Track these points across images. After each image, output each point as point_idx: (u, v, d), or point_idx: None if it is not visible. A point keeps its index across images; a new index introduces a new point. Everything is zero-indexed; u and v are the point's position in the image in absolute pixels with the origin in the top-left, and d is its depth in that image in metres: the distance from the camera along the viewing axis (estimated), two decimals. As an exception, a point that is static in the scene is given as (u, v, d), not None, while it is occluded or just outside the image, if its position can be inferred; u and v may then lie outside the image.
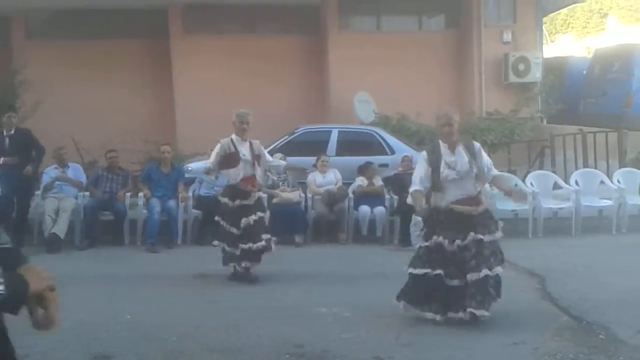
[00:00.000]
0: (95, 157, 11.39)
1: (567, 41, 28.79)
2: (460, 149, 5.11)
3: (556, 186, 9.57)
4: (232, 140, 6.44)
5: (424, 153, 5.25)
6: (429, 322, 4.90)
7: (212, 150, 7.55)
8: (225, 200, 6.38)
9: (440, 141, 5.18)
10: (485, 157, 5.25)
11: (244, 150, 6.39)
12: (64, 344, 4.33)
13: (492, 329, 4.79)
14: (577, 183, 9.30)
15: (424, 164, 5.11)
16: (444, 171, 5.00)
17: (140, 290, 5.93)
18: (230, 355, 4.15)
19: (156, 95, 13.38)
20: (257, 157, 6.48)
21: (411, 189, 5.19)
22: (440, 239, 4.95)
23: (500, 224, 5.20)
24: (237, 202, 6.30)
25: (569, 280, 6.31)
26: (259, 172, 6.52)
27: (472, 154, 5.10)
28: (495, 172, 5.35)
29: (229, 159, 6.39)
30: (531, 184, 9.19)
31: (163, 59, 13.20)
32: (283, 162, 6.81)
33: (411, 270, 5.06)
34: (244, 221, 6.21)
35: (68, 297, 5.49)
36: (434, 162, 5.06)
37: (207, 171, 6.70)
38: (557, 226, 9.13)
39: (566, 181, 9.68)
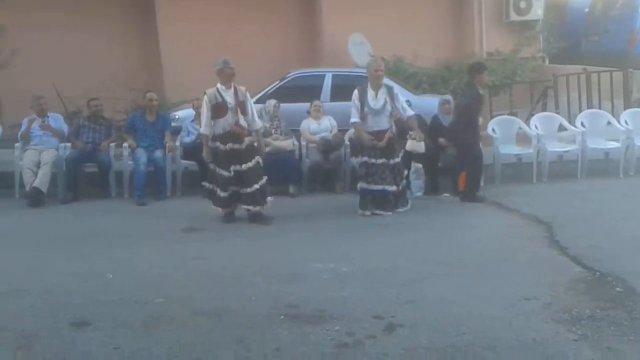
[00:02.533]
0: (79, 107, 10.86)
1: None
2: (382, 91, 6.77)
3: (561, 128, 9.16)
4: (217, 89, 6.41)
5: (355, 91, 6.82)
6: (430, 277, 4.59)
7: (196, 100, 7.25)
8: (216, 144, 6.36)
9: (368, 84, 6.79)
10: (401, 99, 6.92)
11: (229, 99, 6.31)
12: (35, 309, 4.00)
13: (499, 283, 4.46)
14: (582, 125, 8.88)
15: (356, 99, 6.75)
16: (366, 108, 6.71)
17: (124, 247, 5.58)
18: (216, 318, 3.81)
19: (141, 42, 12.71)
20: (241, 104, 6.37)
21: (351, 121, 6.87)
22: (365, 158, 6.78)
23: (401, 152, 7.00)
24: (229, 145, 6.35)
25: (577, 227, 5.98)
26: (242, 118, 6.38)
27: (391, 96, 6.78)
28: (409, 112, 6.96)
29: (217, 109, 6.36)
30: (535, 126, 8.78)
31: (147, 4, 12.52)
32: (259, 124, 6.66)
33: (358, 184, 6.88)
34: (235, 167, 6.29)
35: (44, 256, 5.26)
36: (362, 99, 6.74)
37: (207, 133, 6.50)
38: (562, 170, 8.80)
39: (570, 123, 9.28)
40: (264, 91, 9.25)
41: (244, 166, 6.36)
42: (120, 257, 5.25)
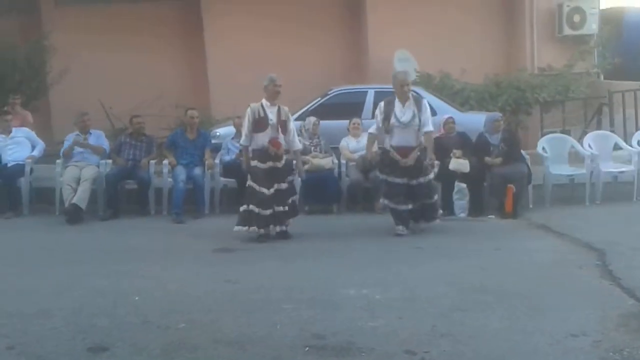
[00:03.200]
0: (126, 124, 11.00)
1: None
2: (410, 103, 6.51)
3: (616, 147, 8.70)
4: (262, 105, 6.52)
5: (381, 104, 6.66)
6: (469, 308, 4.29)
7: (237, 119, 7.26)
8: (255, 162, 6.47)
9: (395, 97, 6.55)
10: (427, 114, 6.59)
11: (272, 115, 6.39)
12: (57, 332, 3.89)
13: (546, 316, 4.13)
14: (639, 144, 8.40)
15: (379, 112, 6.59)
16: (393, 120, 6.45)
17: (156, 266, 5.47)
18: (238, 348, 3.62)
19: (188, 59, 12.86)
20: (282, 123, 6.46)
21: (368, 131, 6.87)
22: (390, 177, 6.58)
23: (434, 169, 6.82)
24: (269, 163, 6.42)
25: (633, 255, 5.58)
26: (281, 137, 6.43)
27: (419, 109, 6.50)
28: (429, 127, 6.62)
29: (258, 123, 6.46)
30: (589, 145, 8.35)
31: (194, 22, 12.63)
32: (299, 145, 6.84)
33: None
34: (275, 186, 6.39)
35: (76, 274, 5.21)
36: (388, 112, 6.50)
37: (246, 144, 6.62)
38: (617, 192, 8.34)
39: (626, 141, 8.80)
40: (305, 108, 9.11)
41: (281, 185, 6.41)
42: (150, 277, 5.14)
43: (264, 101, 6.49)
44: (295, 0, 12.33)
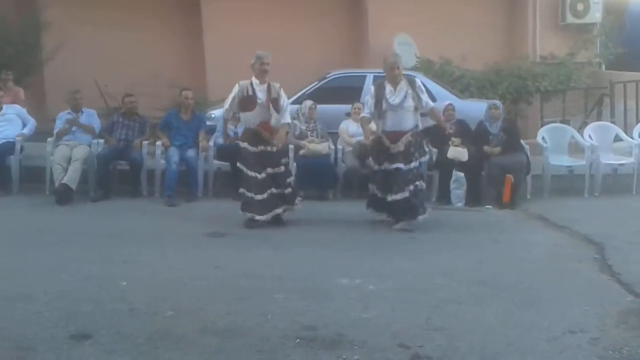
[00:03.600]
0: (121, 103, 10.84)
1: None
2: (402, 85, 6.16)
3: (616, 139, 8.58)
4: (251, 83, 6.30)
5: (372, 87, 6.39)
6: (464, 301, 4.19)
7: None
8: (245, 145, 6.21)
9: (385, 80, 6.22)
10: (424, 92, 6.29)
11: (261, 94, 6.16)
12: (40, 316, 3.77)
13: (544, 311, 4.03)
14: (640, 136, 8.28)
15: (371, 95, 6.24)
16: (384, 104, 6.11)
17: (146, 250, 5.35)
18: (226, 337, 3.51)
19: (185, 40, 12.62)
20: (273, 100, 6.23)
21: (361, 115, 6.60)
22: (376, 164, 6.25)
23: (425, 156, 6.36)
24: (260, 147, 6.21)
25: (632, 249, 5.48)
26: (274, 115, 6.22)
27: (413, 89, 6.15)
28: (431, 104, 6.35)
29: (246, 102, 6.27)
30: (589, 136, 8.22)
31: (192, 1, 12.39)
32: (288, 119, 6.56)
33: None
34: (268, 170, 6.20)
35: (64, 257, 5.05)
36: (379, 95, 6.15)
37: (226, 117, 6.59)
38: (616, 184, 8.25)
39: (626, 133, 8.68)
40: (302, 91, 8.95)
41: (274, 170, 6.23)
42: (139, 261, 5.02)
43: (253, 79, 6.28)
44: (294, -18, 12.12)
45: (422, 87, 6.36)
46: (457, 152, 7.44)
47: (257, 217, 6.20)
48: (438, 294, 4.30)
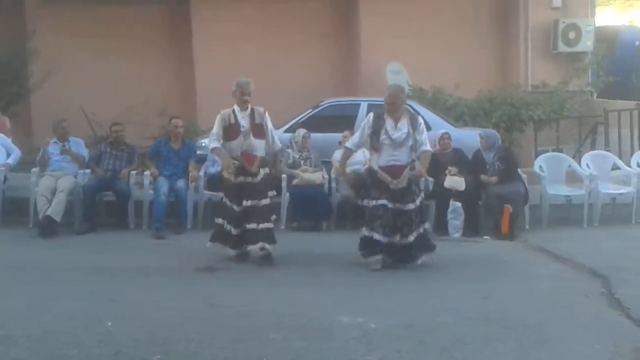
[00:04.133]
0: (108, 132, 10.63)
1: (608, 14, 26.95)
2: (404, 121, 5.71)
3: (613, 167, 8.47)
4: (233, 111, 5.97)
5: (370, 116, 5.82)
6: (472, 340, 3.97)
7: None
8: (227, 175, 5.86)
9: (385, 113, 5.74)
10: (424, 133, 5.82)
11: (243, 121, 5.86)
12: (19, 363, 3.51)
13: (556, 350, 3.82)
14: (638, 165, 8.18)
15: (367, 125, 5.76)
16: (382, 136, 5.63)
17: (133, 287, 5.11)
18: (221, 386, 3.27)
19: (175, 66, 12.50)
20: (257, 127, 5.92)
21: (346, 145, 6.08)
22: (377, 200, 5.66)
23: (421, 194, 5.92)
24: (241, 178, 5.85)
25: (638, 281, 5.30)
26: (259, 145, 5.89)
27: (414, 127, 5.72)
28: (426, 147, 5.82)
29: (229, 131, 5.92)
30: (587, 165, 8.10)
31: (183, 27, 12.28)
32: (278, 146, 6.23)
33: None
34: (246, 203, 5.79)
35: (47, 295, 4.76)
36: (377, 127, 5.67)
37: (213, 149, 6.06)
38: (615, 214, 8.08)
39: (622, 161, 8.58)
40: (295, 119, 8.79)
41: (256, 202, 5.78)
42: (126, 299, 4.76)
43: (235, 107, 5.94)
44: (286, 8, 12.04)
45: (423, 127, 5.87)
46: (454, 181, 7.29)
47: (228, 252, 5.90)
48: (444, 334, 4.07)
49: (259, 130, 5.90)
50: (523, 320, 4.36)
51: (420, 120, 5.94)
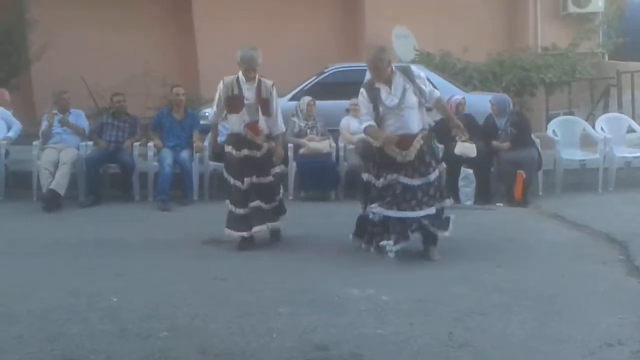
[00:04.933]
0: (110, 103, 10.45)
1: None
2: (399, 80, 4.96)
3: (628, 130, 8.25)
4: (237, 79, 5.37)
5: (362, 90, 5.08)
6: (487, 311, 3.83)
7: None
8: (229, 149, 5.41)
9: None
10: (425, 80, 5.10)
11: (249, 93, 5.32)
12: (22, 341, 3.40)
13: (575, 321, 3.68)
14: (654, 127, 7.96)
15: (365, 100, 5.02)
16: (380, 107, 4.93)
17: (138, 261, 5.00)
18: (228, 362, 3.15)
19: (176, 36, 12.24)
20: (263, 102, 5.34)
21: (363, 126, 5.09)
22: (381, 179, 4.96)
23: (441, 165, 5.26)
24: (244, 152, 5.34)
25: (657, 248, 5.14)
26: (263, 119, 5.36)
27: (411, 80, 4.97)
28: (437, 94, 5.17)
29: (231, 102, 5.37)
30: (602, 128, 7.88)
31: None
32: (282, 128, 5.69)
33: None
34: (248, 180, 5.30)
35: (50, 270, 4.65)
36: (373, 98, 4.96)
37: (215, 121, 5.70)
38: (630, 178, 7.90)
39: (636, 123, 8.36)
40: (300, 87, 8.58)
41: (260, 179, 5.32)
42: (131, 273, 4.66)
43: (240, 74, 5.33)
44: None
45: (422, 75, 5.12)
46: (465, 147, 7.04)
47: (236, 234, 5.36)
48: (458, 305, 3.94)
49: (265, 105, 5.34)
50: (539, 290, 4.22)
51: (415, 70, 5.14)
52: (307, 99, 7.82)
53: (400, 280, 4.46)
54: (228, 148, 5.42)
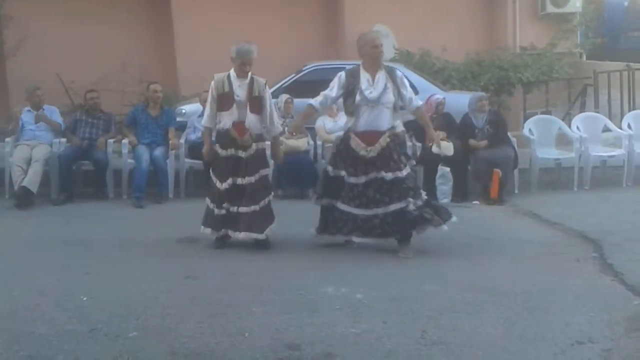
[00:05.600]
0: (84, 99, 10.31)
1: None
2: (382, 74, 5.03)
3: (604, 129, 8.32)
4: (228, 76, 5.26)
5: (342, 74, 5.12)
6: (461, 309, 3.83)
7: (204, 93, 6.28)
8: (216, 147, 5.29)
9: (361, 67, 5.08)
10: (408, 87, 5.17)
11: (240, 91, 5.21)
12: (-14, 342, 3.32)
13: (547, 319, 3.69)
14: (629, 126, 8.03)
15: (338, 84, 5.09)
16: (358, 97, 4.95)
17: (110, 259, 4.93)
18: (197, 363, 3.10)
19: (154, 32, 12.05)
20: (254, 100, 5.22)
21: (309, 102, 5.25)
22: (342, 172, 5.05)
23: (411, 161, 5.25)
24: (231, 151, 5.21)
25: (632, 247, 5.19)
26: (254, 119, 5.24)
27: (394, 81, 5.03)
28: (418, 102, 5.26)
29: (221, 100, 5.24)
30: (577, 127, 7.94)
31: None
32: (278, 129, 5.62)
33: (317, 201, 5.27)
34: (230, 181, 5.17)
35: (19, 268, 4.52)
36: (351, 86, 5.00)
37: (211, 126, 5.42)
38: (605, 177, 7.97)
39: (612, 122, 8.43)
40: (278, 85, 8.53)
41: (243, 180, 5.15)
42: (102, 272, 4.59)
43: (232, 72, 5.25)
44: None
45: (405, 80, 5.20)
46: (443, 146, 7.09)
47: (210, 233, 5.27)
48: (431, 303, 3.93)
49: (256, 103, 5.21)
50: (512, 288, 4.22)
51: (399, 74, 5.19)
52: (284, 96, 7.78)
53: (375, 278, 4.44)
54: (216, 146, 5.29)
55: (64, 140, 7.40)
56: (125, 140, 7.40)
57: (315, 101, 5.23)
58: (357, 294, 4.05)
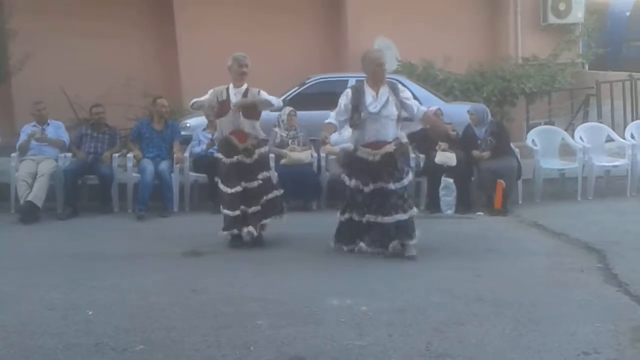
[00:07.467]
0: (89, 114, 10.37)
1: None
2: (384, 89, 5.30)
3: (607, 139, 8.33)
4: (227, 88, 5.78)
5: (349, 91, 5.41)
6: (466, 321, 3.83)
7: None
8: (220, 155, 5.75)
9: (365, 83, 5.36)
10: (411, 97, 5.46)
11: (235, 99, 5.67)
12: (-7, 357, 3.35)
13: (553, 330, 3.69)
14: (632, 136, 8.04)
15: (346, 101, 5.33)
16: (364, 112, 5.21)
17: (116, 273, 4.93)
18: (204, 376, 3.12)
19: (158, 46, 12.17)
20: (248, 106, 5.69)
21: (326, 121, 5.48)
22: (355, 182, 5.30)
23: (410, 173, 5.44)
24: (235, 159, 5.64)
25: (635, 256, 5.20)
26: (248, 124, 5.68)
27: (396, 94, 5.30)
28: (423, 109, 5.52)
29: (220, 107, 5.73)
30: (580, 137, 7.95)
31: (165, 7, 11.95)
32: (280, 102, 6.08)
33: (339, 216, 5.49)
34: (243, 184, 5.64)
35: (26, 283, 4.55)
36: (357, 101, 5.25)
37: (194, 106, 5.96)
38: (609, 187, 7.97)
39: (615, 132, 8.44)
40: (282, 97, 8.53)
41: (251, 184, 5.64)
42: (108, 286, 4.60)
43: (230, 85, 5.75)
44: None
45: (407, 92, 5.53)
46: (445, 157, 7.13)
47: (233, 233, 5.66)
48: (437, 315, 3.93)
49: (249, 109, 5.67)
50: (517, 299, 4.22)
51: (401, 87, 5.53)
52: (288, 109, 7.82)
53: (379, 289, 4.45)
54: (219, 155, 5.73)
55: (69, 154, 7.45)
56: (130, 154, 7.45)
57: (331, 119, 5.48)
58: (362, 306, 4.06)
